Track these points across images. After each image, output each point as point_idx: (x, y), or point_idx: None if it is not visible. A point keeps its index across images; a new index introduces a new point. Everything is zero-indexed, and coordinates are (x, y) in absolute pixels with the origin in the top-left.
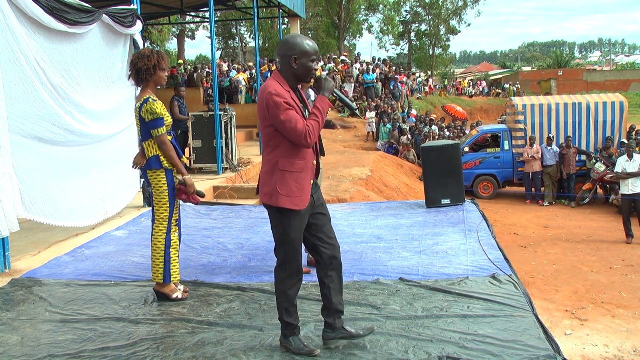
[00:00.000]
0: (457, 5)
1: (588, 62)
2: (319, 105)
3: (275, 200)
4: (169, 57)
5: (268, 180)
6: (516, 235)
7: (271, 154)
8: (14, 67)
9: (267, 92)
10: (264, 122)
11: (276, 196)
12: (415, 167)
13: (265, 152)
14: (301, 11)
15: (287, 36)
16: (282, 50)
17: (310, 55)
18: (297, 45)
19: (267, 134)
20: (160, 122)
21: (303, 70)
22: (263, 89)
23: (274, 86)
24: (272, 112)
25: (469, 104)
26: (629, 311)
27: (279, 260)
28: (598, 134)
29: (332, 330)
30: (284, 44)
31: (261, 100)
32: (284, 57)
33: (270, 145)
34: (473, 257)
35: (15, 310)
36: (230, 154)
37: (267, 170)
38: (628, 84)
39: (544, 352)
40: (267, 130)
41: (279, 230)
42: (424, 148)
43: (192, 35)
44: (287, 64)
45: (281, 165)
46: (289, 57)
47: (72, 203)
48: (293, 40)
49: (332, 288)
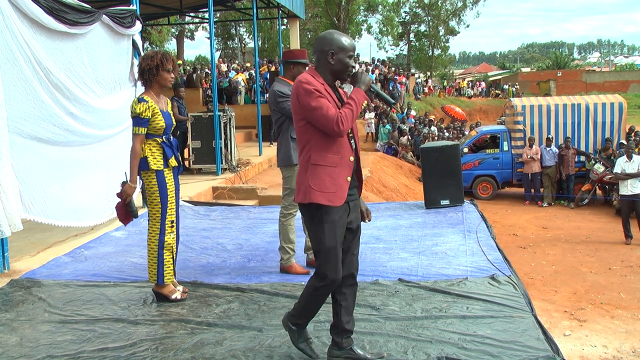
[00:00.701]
0: (456, 6)
1: (587, 63)
2: (354, 96)
3: (309, 196)
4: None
5: (301, 178)
6: (515, 236)
7: (303, 150)
8: (12, 68)
9: (298, 81)
10: (296, 116)
11: (309, 192)
12: (414, 168)
13: (299, 149)
14: (300, 12)
15: (323, 32)
16: (318, 46)
17: (348, 51)
18: (334, 41)
19: (300, 129)
20: (139, 121)
21: (340, 65)
22: (296, 80)
23: (306, 77)
24: (303, 101)
25: (468, 104)
26: (627, 312)
27: (319, 262)
28: (597, 134)
29: (338, 349)
30: (321, 40)
31: (293, 93)
32: (321, 52)
33: (302, 141)
34: (472, 258)
35: (14, 311)
36: (229, 155)
37: (300, 170)
38: (627, 85)
39: (543, 352)
40: (299, 125)
41: (312, 236)
42: (423, 149)
43: (191, 36)
44: (323, 60)
45: (313, 159)
46: (326, 53)
47: (76, 203)
48: (330, 36)
49: (343, 306)
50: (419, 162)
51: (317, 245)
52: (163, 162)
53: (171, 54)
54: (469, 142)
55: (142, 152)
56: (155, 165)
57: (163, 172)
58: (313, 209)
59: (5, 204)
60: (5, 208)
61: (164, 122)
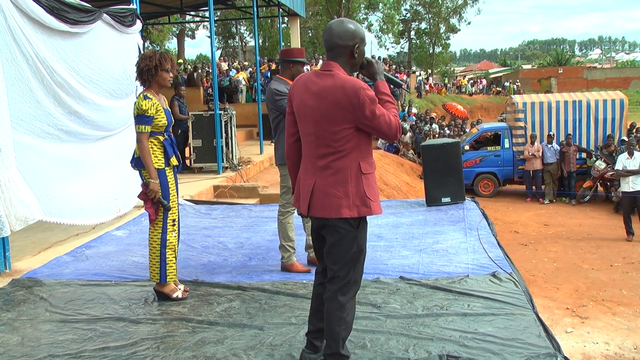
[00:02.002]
0: (457, 3)
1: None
2: (385, 90)
3: (367, 210)
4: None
5: (345, 188)
6: (516, 233)
7: (344, 159)
8: (14, 67)
9: (360, 88)
10: (342, 124)
11: (368, 204)
12: (415, 166)
13: (327, 157)
14: (301, 10)
15: (335, 24)
16: (341, 40)
17: (365, 40)
18: (357, 32)
19: (342, 138)
20: (144, 119)
21: (360, 58)
22: (342, 84)
23: (359, 81)
24: (368, 109)
25: (469, 102)
26: (629, 309)
27: (342, 283)
28: (598, 131)
29: (314, 352)
30: (343, 32)
31: (343, 98)
32: (344, 47)
33: (342, 149)
34: (473, 255)
35: (16, 310)
36: (230, 153)
37: (340, 179)
38: (628, 82)
39: (544, 350)
40: (343, 133)
41: (353, 246)
42: (424, 146)
43: (192, 35)
44: (347, 54)
45: (364, 169)
46: (352, 47)
47: (81, 201)
48: (354, 27)
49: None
50: (420, 159)
51: (355, 254)
52: (164, 161)
53: (170, 53)
54: (470, 140)
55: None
56: (156, 164)
57: (165, 171)
58: (358, 220)
59: (7, 202)
60: (7, 207)
61: (166, 120)
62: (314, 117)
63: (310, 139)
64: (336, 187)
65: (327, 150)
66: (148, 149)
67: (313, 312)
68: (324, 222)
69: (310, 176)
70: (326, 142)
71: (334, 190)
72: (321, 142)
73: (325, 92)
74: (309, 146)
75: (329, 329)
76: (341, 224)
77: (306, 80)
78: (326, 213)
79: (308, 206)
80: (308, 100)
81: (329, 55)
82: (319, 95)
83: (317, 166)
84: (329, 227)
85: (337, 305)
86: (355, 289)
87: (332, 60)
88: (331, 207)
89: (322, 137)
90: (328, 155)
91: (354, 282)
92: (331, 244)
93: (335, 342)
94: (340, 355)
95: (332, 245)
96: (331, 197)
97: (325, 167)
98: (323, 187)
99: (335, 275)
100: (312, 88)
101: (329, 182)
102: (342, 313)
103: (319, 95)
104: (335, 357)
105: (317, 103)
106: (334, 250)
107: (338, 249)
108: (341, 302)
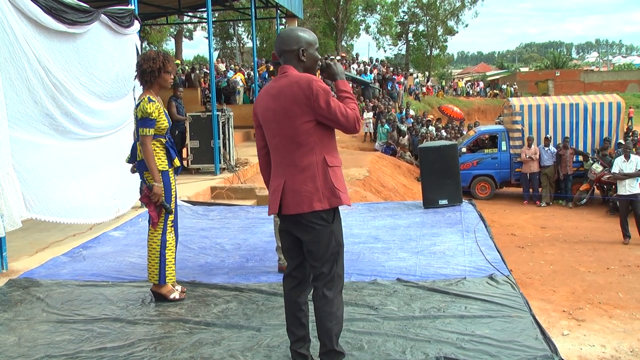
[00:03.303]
0: (455, 5)
1: (585, 62)
2: (344, 88)
3: (337, 200)
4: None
5: (314, 183)
6: (513, 236)
7: (309, 154)
8: (12, 66)
9: (312, 80)
10: (301, 118)
11: (337, 195)
12: (412, 168)
13: (293, 155)
14: (299, 11)
15: (283, 32)
16: (284, 46)
17: (315, 45)
18: (300, 38)
19: (304, 132)
20: (148, 122)
21: (311, 61)
22: (296, 80)
23: (311, 75)
24: (323, 100)
25: (467, 104)
26: (626, 311)
27: (327, 279)
28: (595, 134)
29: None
30: (284, 40)
31: (299, 92)
32: (289, 52)
33: (306, 144)
34: (470, 258)
35: (13, 311)
36: (227, 155)
37: (308, 175)
38: (625, 85)
39: (541, 352)
40: (304, 127)
41: (332, 241)
42: (421, 148)
43: (190, 36)
44: (294, 59)
45: (329, 161)
46: (296, 51)
47: (80, 201)
48: (293, 34)
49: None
50: (417, 161)
51: (335, 247)
52: (168, 163)
53: (170, 54)
54: (467, 142)
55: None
56: (160, 166)
57: (168, 173)
58: (332, 213)
59: (2, 202)
60: (2, 207)
61: (167, 123)
62: (276, 118)
63: (276, 140)
64: (305, 183)
65: (293, 147)
66: (152, 151)
67: (291, 321)
68: (297, 218)
69: (279, 177)
70: (293, 140)
71: (303, 187)
72: (288, 140)
73: (282, 91)
74: (276, 150)
75: (321, 327)
76: (315, 219)
77: (267, 88)
78: (299, 209)
79: (280, 205)
80: (270, 105)
81: (281, 61)
82: (277, 96)
83: (285, 165)
84: (303, 225)
85: (325, 301)
86: (340, 284)
87: (285, 64)
88: (303, 203)
89: (288, 135)
90: (293, 151)
91: (338, 277)
92: (309, 241)
93: (329, 339)
94: (335, 352)
95: (310, 243)
96: (302, 193)
97: (292, 164)
98: (293, 184)
99: (319, 272)
100: (272, 92)
101: (298, 179)
102: (332, 308)
103: (277, 96)
104: (330, 355)
105: (277, 103)
106: (314, 248)
107: (317, 246)
108: (329, 297)
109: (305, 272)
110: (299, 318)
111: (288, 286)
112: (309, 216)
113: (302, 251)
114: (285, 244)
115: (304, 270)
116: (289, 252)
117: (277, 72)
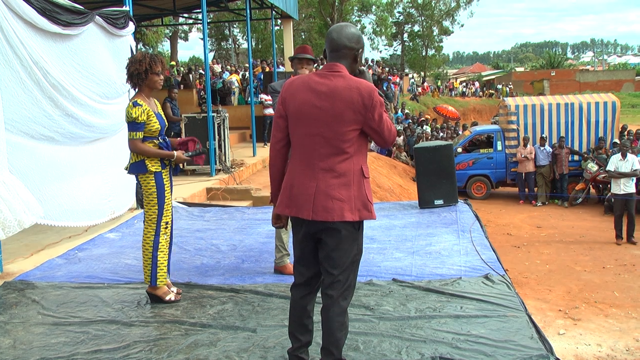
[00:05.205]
0: (450, 6)
1: (580, 62)
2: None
3: (368, 215)
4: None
5: (348, 191)
6: (509, 236)
7: (348, 161)
8: (7, 68)
9: (374, 90)
10: (351, 125)
11: (369, 209)
12: (408, 168)
13: (331, 159)
14: (294, 12)
15: (345, 26)
16: (347, 41)
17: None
18: (361, 39)
19: (350, 139)
20: (135, 126)
21: (359, 65)
22: (356, 85)
23: (371, 84)
24: (377, 112)
25: (462, 104)
26: (621, 310)
27: (344, 288)
28: (590, 134)
29: None
30: (349, 36)
31: (358, 99)
32: (349, 50)
33: (347, 151)
34: (466, 258)
35: (8, 313)
36: (223, 156)
37: (343, 182)
38: (620, 84)
39: (536, 351)
40: (351, 134)
41: (354, 249)
42: (416, 149)
43: (185, 37)
44: (352, 57)
45: (365, 172)
46: (357, 51)
47: (74, 204)
48: (358, 32)
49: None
50: (412, 162)
51: (358, 256)
52: (161, 164)
53: (162, 55)
54: (463, 142)
55: (134, 157)
56: (153, 167)
57: (161, 174)
58: (359, 223)
59: (2, 206)
60: (2, 211)
61: (159, 124)
62: (324, 118)
63: (316, 139)
64: (339, 190)
65: (332, 151)
66: (145, 147)
67: (296, 327)
68: (326, 225)
69: (311, 179)
70: (334, 144)
71: (337, 193)
72: (329, 143)
73: (337, 92)
74: (311, 148)
75: (332, 337)
76: (345, 226)
77: (308, 81)
78: (329, 216)
79: (311, 210)
80: (314, 101)
81: (332, 56)
82: (329, 95)
83: (320, 168)
84: (331, 230)
85: (339, 310)
86: (352, 293)
87: (337, 62)
88: (334, 211)
89: (330, 138)
90: (333, 156)
91: (353, 286)
92: (332, 247)
93: (337, 349)
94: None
95: (334, 249)
96: (334, 200)
97: (328, 169)
98: (326, 189)
99: (336, 280)
100: (320, 89)
101: (332, 184)
102: (344, 318)
103: (330, 95)
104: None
105: (327, 103)
106: (335, 254)
107: (339, 253)
108: (343, 307)
109: (318, 281)
110: (306, 325)
111: (299, 294)
112: (338, 223)
113: (318, 261)
114: (304, 252)
115: (317, 280)
116: (304, 261)
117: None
